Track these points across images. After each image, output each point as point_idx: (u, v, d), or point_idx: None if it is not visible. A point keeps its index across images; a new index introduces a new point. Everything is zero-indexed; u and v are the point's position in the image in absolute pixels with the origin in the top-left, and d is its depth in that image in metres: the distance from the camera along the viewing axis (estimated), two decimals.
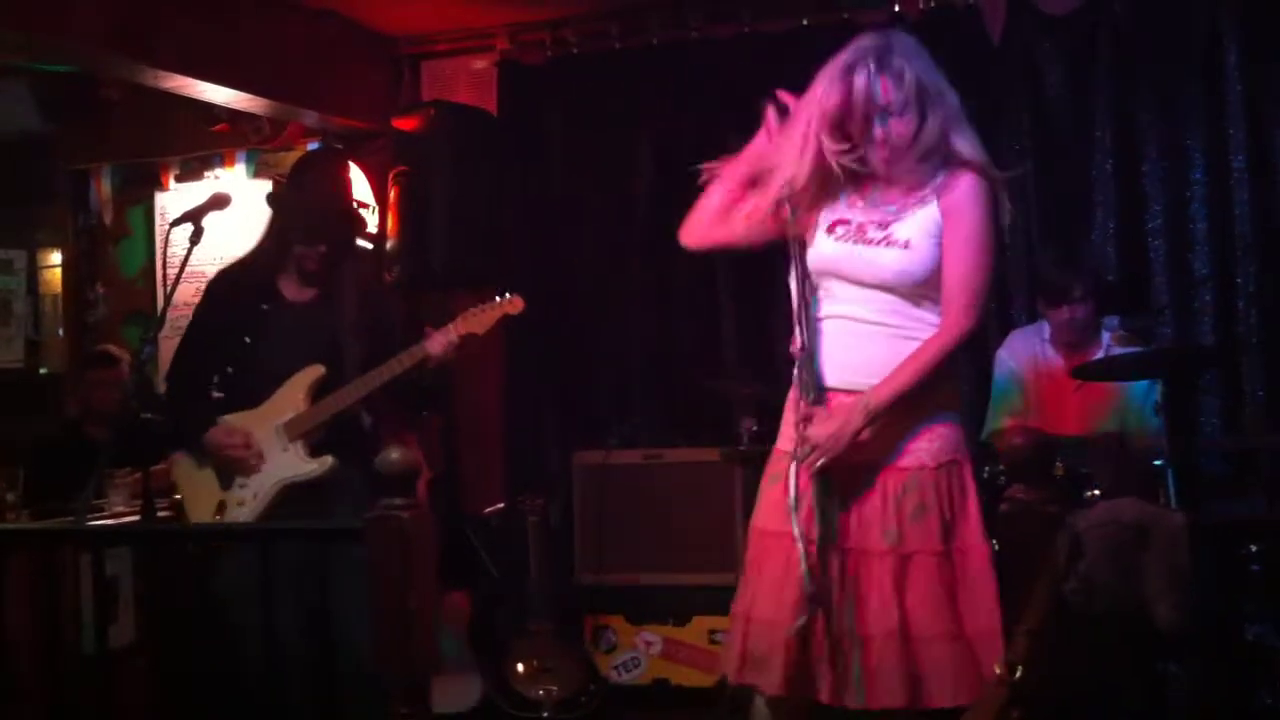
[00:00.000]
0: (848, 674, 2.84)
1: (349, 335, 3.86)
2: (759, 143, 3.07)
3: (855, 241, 2.94)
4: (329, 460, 3.76)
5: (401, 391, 3.86)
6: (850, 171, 2.91)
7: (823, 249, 2.99)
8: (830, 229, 2.98)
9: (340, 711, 3.68)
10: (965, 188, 2.92)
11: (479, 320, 3.89)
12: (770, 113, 3.03)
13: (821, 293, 3.00)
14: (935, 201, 2.94)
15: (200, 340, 3.93)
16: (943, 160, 2.94)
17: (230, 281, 3.99)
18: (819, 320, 3.00)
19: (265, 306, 3.86)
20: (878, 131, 2.88)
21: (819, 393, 2.93)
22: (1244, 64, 4.99)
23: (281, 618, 3.66)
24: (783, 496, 2.91)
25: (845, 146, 2.90)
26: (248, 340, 3.82)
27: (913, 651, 2.84)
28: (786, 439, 3.03)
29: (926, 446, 2.94)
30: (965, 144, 2.94)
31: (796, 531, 2.82)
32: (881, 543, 2.89)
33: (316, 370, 3.82)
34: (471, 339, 3.91)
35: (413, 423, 4.97)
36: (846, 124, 2.89)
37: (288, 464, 3.78)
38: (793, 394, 3.05)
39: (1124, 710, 3.18)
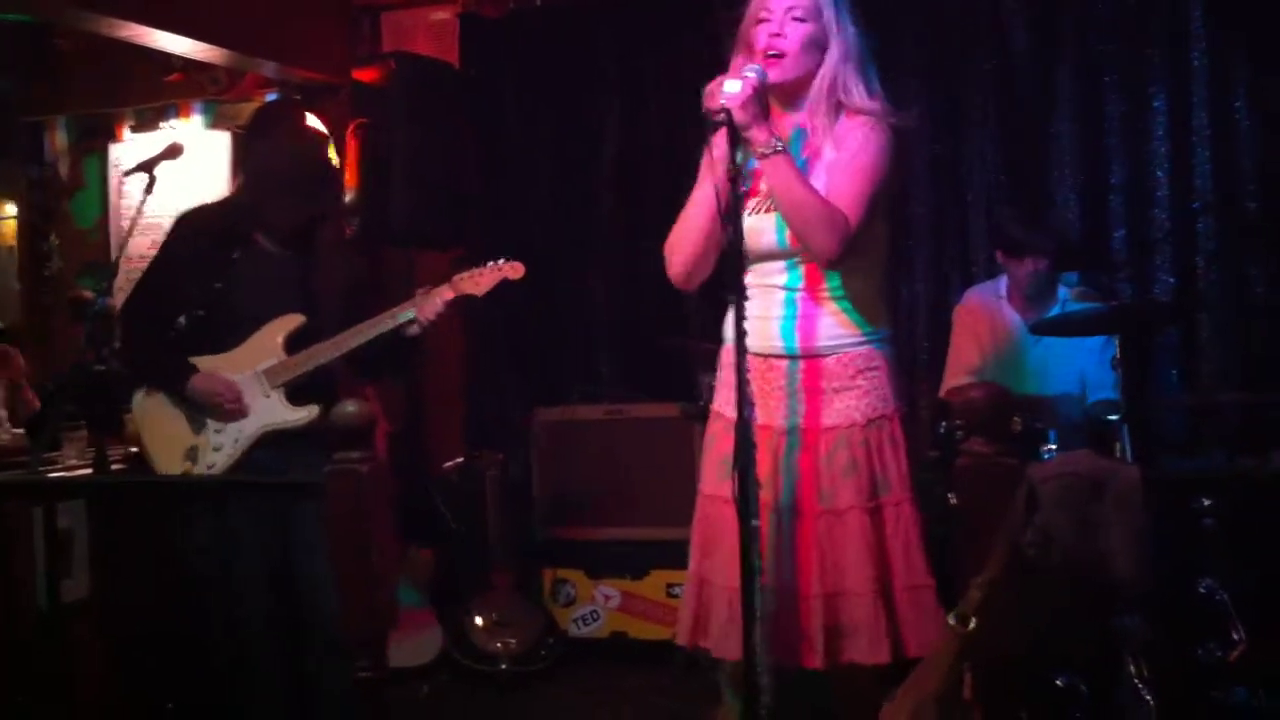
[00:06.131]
0: (794, 633, 2.85)
1: (326, 286, 3.81)
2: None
3: (758, 212, 2.92)
4: (315, 409, 3.69)
5: (376, 351, 3.77)
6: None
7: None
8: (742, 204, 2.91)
9: (305, 664, 3.66)
10: (854, 125, 2.90)
11: (476, 283, 3.82)
12: None
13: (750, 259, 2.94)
14: (829, 148, 2.92)
15: (165, 279, 3.80)
16: (838, 107, 2.91)
17: (201, 222, 3.85)
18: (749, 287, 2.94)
19: (236, 255, 3.75)
20: (773, 26, 2.89)
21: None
22: (1207, 24, 4.99)
23: (243, 570, 3.66)
24: (723, 459, 2.90)
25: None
26: (218, 286, 3.72)
27: (843, 608, 2.86)
28: (723, 402, 3.03)
29: (855, 403, 2.93)
30: (862, 91, 2.91)
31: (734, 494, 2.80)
32: (815, 503, 2.90)
33: (295, 319, 3.74)
34: (468, 301, 3.87)
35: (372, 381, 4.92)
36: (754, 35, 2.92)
37: (271, 411, 3.71)
38: (725, 357, 3.05)
39: (1076, 662, 3.20)
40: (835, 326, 2.94)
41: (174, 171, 3.88)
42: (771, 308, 2.95)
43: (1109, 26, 5.14)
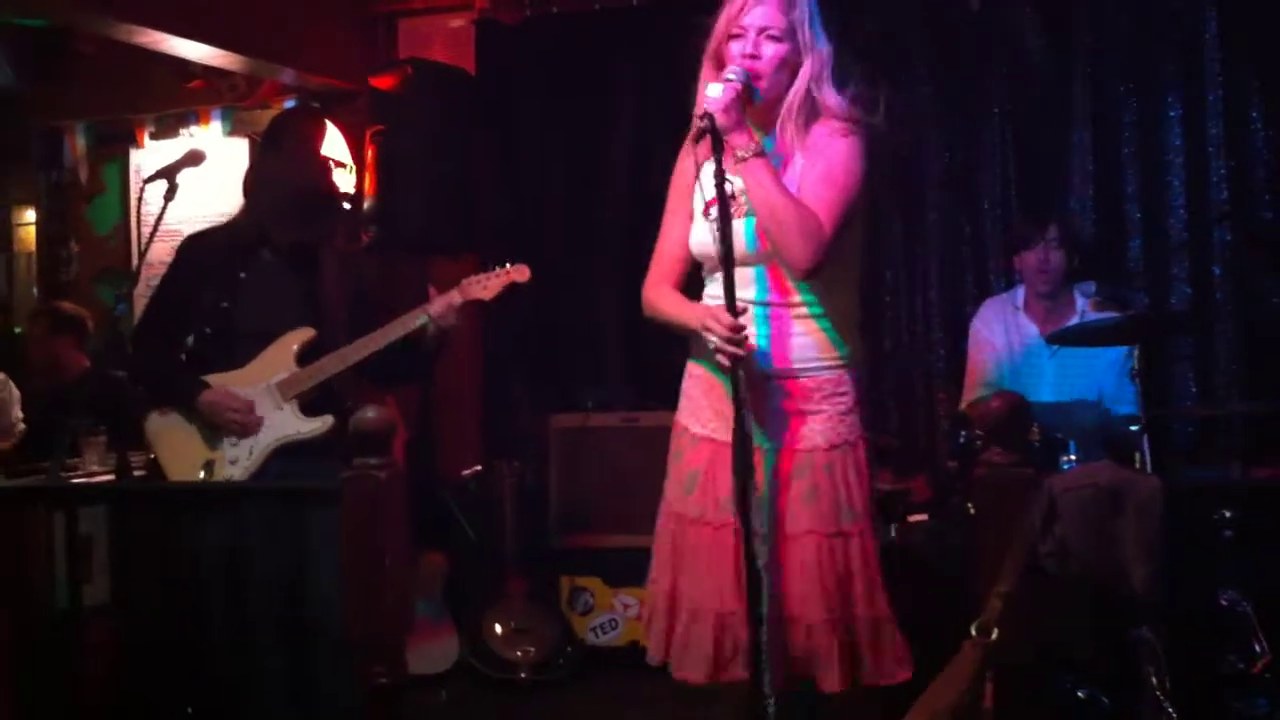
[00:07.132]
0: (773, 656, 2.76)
1: (331, 300, 3.84)
2: None
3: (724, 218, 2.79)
4: (330, 419, 3.73)
5: (393, 358, 3.79)
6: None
7: (697, 233, 2.97)
8: (705, 210, 2.87)
9: (315, 674, 3.67)
10: (827, 132, 2.85)
11: (485, 287, 3.85)
12: None
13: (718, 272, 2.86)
14: (799, 155, 2.87)
15: (172, 301, 3.86)
16: (812, 116, 2.87)
17: (204, 246, 3.92)
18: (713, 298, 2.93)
19: (243, 274, 3.81)
20: (747, 46, 2.82)
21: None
22: (1222, 31, 4.98)
23: (253, 575, 3.67)
24: (688, 474, 2.96)
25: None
26: (224, 305, 3.77)
27: (796, 633, 2.79)
28: (688, 416, 3.05)
29: (820, 427, 2.87)
30: (834, 98, 2.86)
31: (729, 517, 2.75)
32: (773, 526, 2.83)
33: (306, 332, 3.78)
34: (478, 305, 3.90)
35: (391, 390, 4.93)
36: (726, 50, 2.86)
37: (285, 423, 3.75)
38: (691, 371, 3.07)
39: (1095, 673, 3.20)
40: (809, 348, 2.88)
41: (194, 178, 3.89)
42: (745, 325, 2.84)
43: (1124, 36, 5.13)
